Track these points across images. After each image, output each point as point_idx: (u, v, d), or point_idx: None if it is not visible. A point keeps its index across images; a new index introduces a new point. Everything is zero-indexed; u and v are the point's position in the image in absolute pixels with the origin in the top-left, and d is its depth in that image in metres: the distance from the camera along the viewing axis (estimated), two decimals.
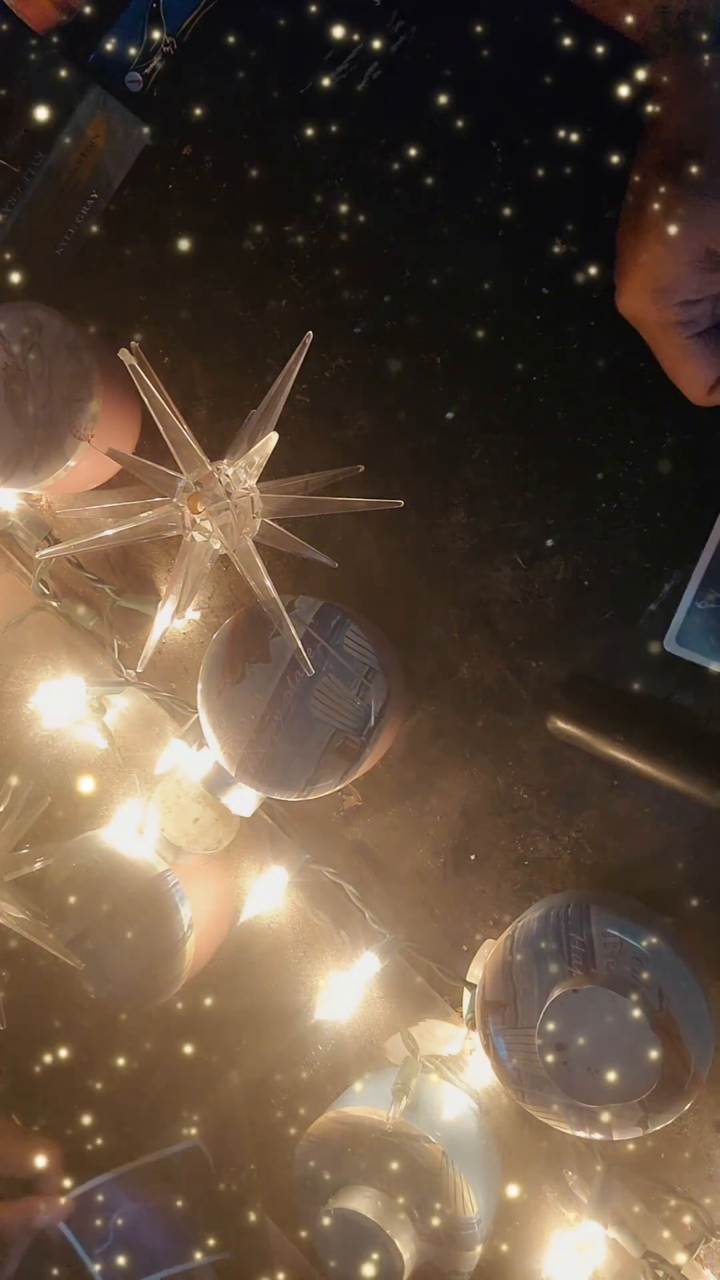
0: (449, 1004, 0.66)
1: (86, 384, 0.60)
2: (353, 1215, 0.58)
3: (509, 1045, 0.56)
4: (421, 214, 0.64)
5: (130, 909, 0.63)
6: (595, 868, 0.63)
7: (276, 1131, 0.70)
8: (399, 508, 0.55)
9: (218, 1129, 0.72)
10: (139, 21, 0.66)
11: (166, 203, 0.68)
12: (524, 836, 0.64)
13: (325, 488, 0.55)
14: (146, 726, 0.71)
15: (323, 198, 0.65)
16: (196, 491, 0.55)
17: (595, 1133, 0.55)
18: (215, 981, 0.70)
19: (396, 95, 0.64)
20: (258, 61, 0.65)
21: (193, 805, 0.64)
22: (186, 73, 0.66)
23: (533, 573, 0.63)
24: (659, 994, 0.53)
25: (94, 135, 0.65)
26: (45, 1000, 0.73)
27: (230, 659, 0.58)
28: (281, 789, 0.57)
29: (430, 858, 0.66)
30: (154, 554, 0.70)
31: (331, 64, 0.65)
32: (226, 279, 0.67)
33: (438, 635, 0.65)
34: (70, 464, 0.61)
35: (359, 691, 0.57)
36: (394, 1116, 0.59)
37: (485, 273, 0.63)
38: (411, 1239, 0.59)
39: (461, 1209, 0.58)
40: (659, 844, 0.62)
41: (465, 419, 0.64)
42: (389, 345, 0.64)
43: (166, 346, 0.68)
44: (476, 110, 0.62)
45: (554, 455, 0.62)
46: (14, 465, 0.61)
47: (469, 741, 0.64)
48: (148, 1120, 0.73)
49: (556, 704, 0.62)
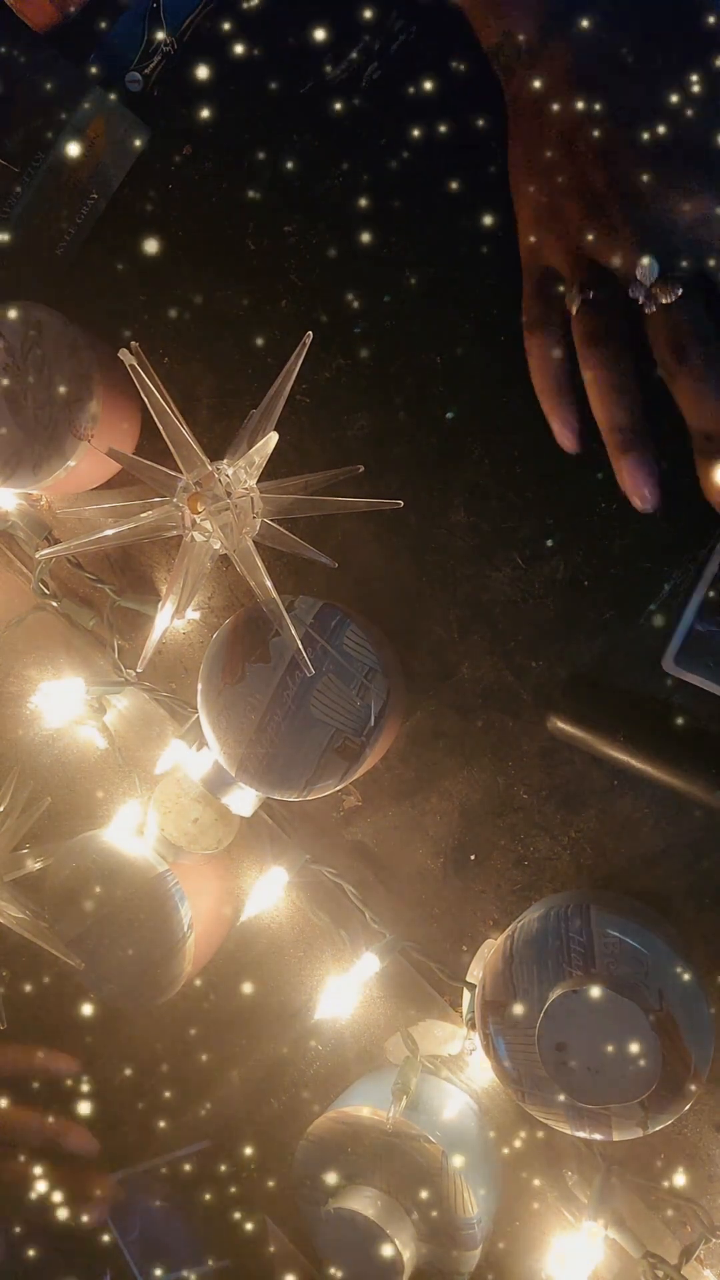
0: (449, 1004, 0.66)
1: (86, 384, 0.60)
2: (353, 1215, 0.58)
3: (509, 1045, 0.56)
4: (422, 213, 0.64)
5: (130, 909, 0.63)
6: (595, 868, 0.63)
7: (276, 1131, 0.70)
8: (399, 508, 0.55)
9: (218, 1129, 0.72)
10: (139, 21, 0.66)
11: (166, 203, 0.68)
12: (524, 836, 0.64)
13: (325, 488, 0.55)
14: (146, 726, 0.71)
15: (323, 197, 0.65)
16: (196, 491, 0.55)
17: (595, 1133, 0.55)
18: (215, 981, 0.70)
19: (396, 95, 0.64)
20: (258, 61, 0.65)
21: (193, 805, 0.64)
22: (186, 73, 0.66)
23: (533, 573, 0.63)
24: (659, 994, 0.53)
25: (94, 135, 0.65)
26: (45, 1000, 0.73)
27: (230, 659, 0.58)
28: (281, 789, 0.57)
29: (430, 858, 0.66)
30: (154, 554, 0.70)
31: (331, 64, 0.65)
32: (226, 279, 0.67)
33: (438, 635, 0.65)
34: (70, 464, 0.61)
35: (359, 691, 0.57)
36: (394, 1116, 0.59)
37: (486, 272, 0.63)
38: (411, 1239, 0.59)
39: (461, 1209, 0.58)
40: (659, 844, 0.62)
41: (465, 419, 0.64)
42: (389, 345, 0.64)
43: (166, 346, 0.68)
44: (476, 110, 0.62)
45: (554, 455, 0.62)
46: (14, 465, 0.61)
47: (469, 741, 0.65)
48: (147, 1120, 0.73)
49: (556, 704, 0.62)
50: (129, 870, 0.63)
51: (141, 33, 0.66)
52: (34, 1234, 0.66)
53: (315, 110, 0.65)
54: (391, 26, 0.64)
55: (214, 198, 0.67)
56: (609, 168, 0.53)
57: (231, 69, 0.66)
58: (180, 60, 0.67)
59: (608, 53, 0.54)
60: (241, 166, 0.66)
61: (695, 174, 0.52)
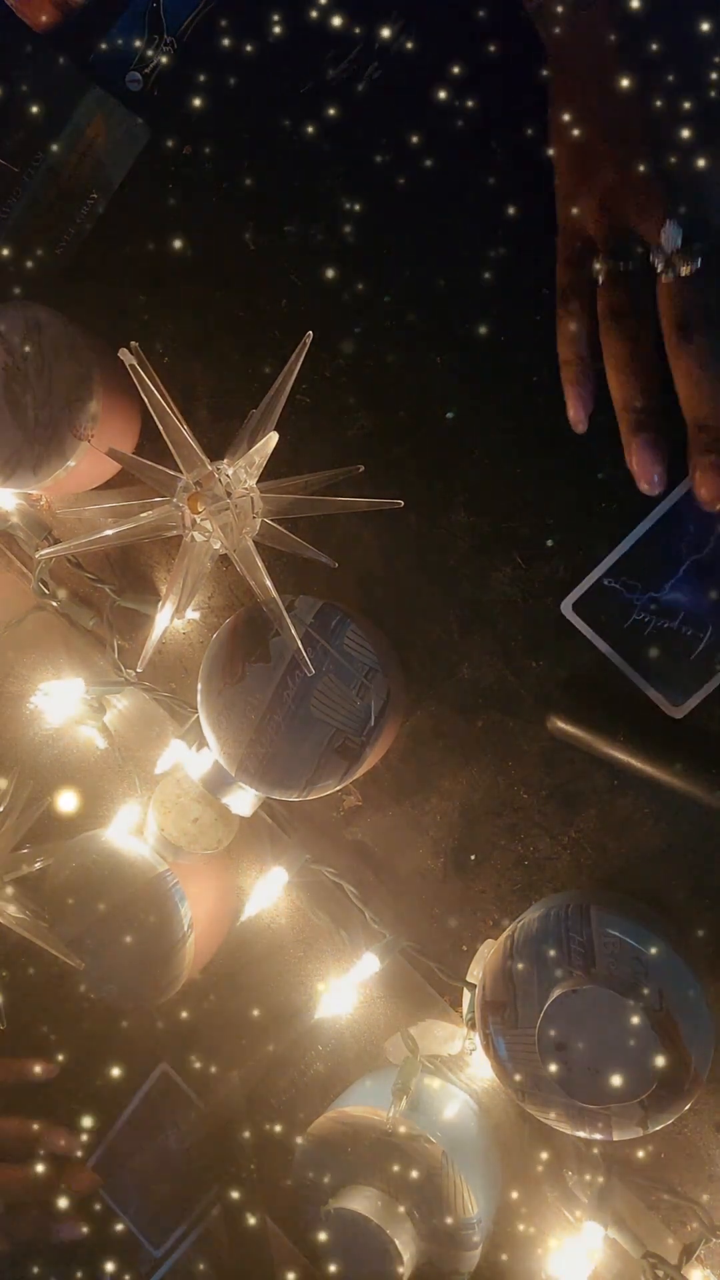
0: (449, 1004, 0.66)
1: (86, 384, 0.60)
2: (353, 1215, 0.58)
3: (509, 1045, 0.56)
4: (421, 213, 0.64)
5: (130, 909, 0.63)
6: (595, 868, 0.63)
7: (276, 1131, 0.70)
8: (399, 508, 0.55)
9: (218, 1129, 0.72)
10: (139, 21, 0.66)
11: (166, 203, 0.68)
12: (524, 836, 0.64)
13: (325, 488, 0.55)
14: (146, 726, 0.71)
15: (323, 197, 0.65)
16: (196, 491, 0.55)
17: (595, 1133, 0.55)
18: (215, 981, 0.70)
19: (396, 94, 0.64)
20: (258, 61, 0.65)
21: (193, 805, 0.64)
22: (186, 73, 0.66)
23: (533, 573, 0.63)
24: (659, 994, 0.53)
25: (94, 135, 0.65)
26: (45, 1000, 0.73)
27: (230, 659, 0.58)
28: (281, 789, 0.57)
29: (430, 858, 0.66)
30: (154, 554, 0.70)
31: (331, 63, 0.65)
32: (226, 279, 0.67)
33: (438, 635, 0.65)
34: (70, 464, 0.61)
35: (359, 691, 0.57)
36: (394, 1116, 0.59)
37: (485, 272, 0.63)
38: (411, 1239, 0.59)
39: (461, 1209, 0.58)
40: (659, 844, 0.62)
41: (465, 419, 0.64)
42: (389, 345, 0.64)
43: (166, 346, 0.68)
44: (477, 109, 0.62)
45: (554, 455, 0.62)
46: (14, 465, 0.61)
47: (469, 741, 0.64)
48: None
49: (556, 704, 0.62)
50: (129, 870, 0.63)
51: (141, 32, 0.66)
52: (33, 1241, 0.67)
53: (315, 109, 0.65)
54: (392, 25, 0.64)
55: (214, 198, 0.67)
56: (644, 125, 0.52)
57: (231, 69, 0.66)
58: (180, 60, 0.67)
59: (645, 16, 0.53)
60: (241, 166, 0.66)
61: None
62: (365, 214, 0.64)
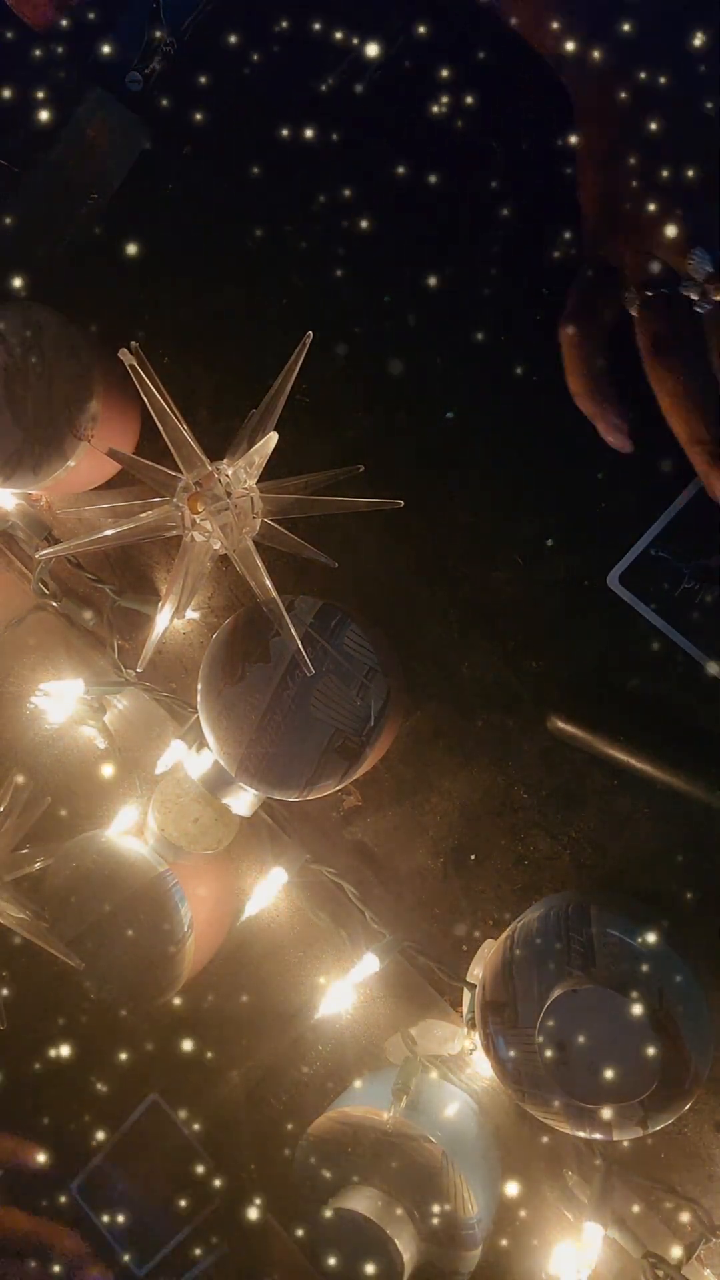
0: (449, 1004, 0.66)
1: (86, 384, 0.60)
2: (353, 1215, 0.58)
3: (509, 1045, 0.56)
4: (421, 214, 0.64)
5: (130, 909, 0.63)
6: (595, 868, 0.63)
7: (276, 1131, 0.70)
8: (399, 508, 0.55)
9: (217, 1129, 0.72)
10: (139, 21, 0.66)
11: (166, 203, 0.68)
12: (524, 836, 0.64)
13: (325, 488, 0.55)
14: (146, 726, 0.71)
15: (323, 197, 0.65)
16: (196, 491, 0.55)
17: (595, 1132, 0.55)
18: (215, 981, 0.70)
19: (396, 95, 0.64)
20: (258, 61, 0.65)
21: (193, 805, 0.64)
22: (186, 73, 0.66)
23: (533, 573, 0.63)
24: (659, 994, 0.53)
25: (94, 135, 0.65)
26: (45, 1000, 0.73)
27: (230, 659, 0.58)
28: (281, 789, 0.57)
29: (430, 858, 0.66)
30: (154, 554, 0.70)
31: (331, 64, 0.65)
32: (226, 279, 0.67)
33: (438, 635, 0.65)
34: (70, 464, 0.61)
35: (359, 691, 0.57)
36: (394, 1116, 0.59)
37: (485, 273, 0.63)
38: (411, 1239, 0.59)
39: (461, 1209, 0.58)
40: (659, 844, 0.62)
41: (465, 419, 0.64)
42: (389, 345, 0.64)
43: (166, 346, 0.68)
44: (477, 110, 0.62)
45: (554, 455, 0.62)
46: (14, 465, 0.61)
47: (469, 741, 0.64)
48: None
49: (556, 704, 0.62)
50: (129, 870, 0.63)
51: (141, 33, 0.66)
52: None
53: (315, 110, 0.65)
54: (392, 26, 0.64)
55: (214, 198, 0.67)
56: (669, 156, 0.52)
57: (232, 69, 0.66)
58: (180, 60, 0.67)
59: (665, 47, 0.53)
60: (242, 166, 0.66)
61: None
62: (365, 214, 0.64)
